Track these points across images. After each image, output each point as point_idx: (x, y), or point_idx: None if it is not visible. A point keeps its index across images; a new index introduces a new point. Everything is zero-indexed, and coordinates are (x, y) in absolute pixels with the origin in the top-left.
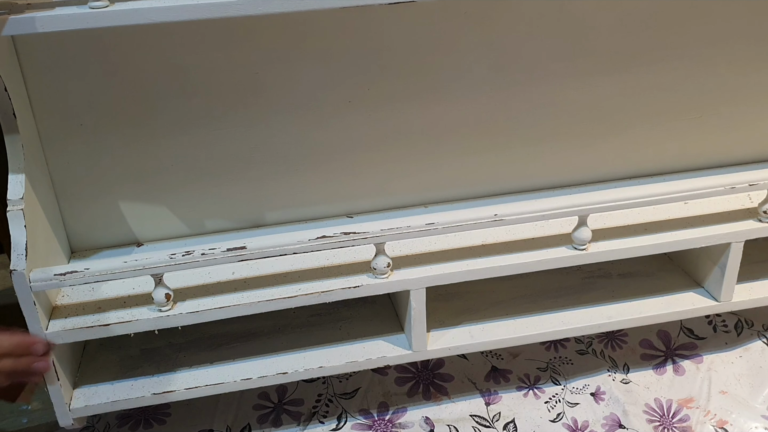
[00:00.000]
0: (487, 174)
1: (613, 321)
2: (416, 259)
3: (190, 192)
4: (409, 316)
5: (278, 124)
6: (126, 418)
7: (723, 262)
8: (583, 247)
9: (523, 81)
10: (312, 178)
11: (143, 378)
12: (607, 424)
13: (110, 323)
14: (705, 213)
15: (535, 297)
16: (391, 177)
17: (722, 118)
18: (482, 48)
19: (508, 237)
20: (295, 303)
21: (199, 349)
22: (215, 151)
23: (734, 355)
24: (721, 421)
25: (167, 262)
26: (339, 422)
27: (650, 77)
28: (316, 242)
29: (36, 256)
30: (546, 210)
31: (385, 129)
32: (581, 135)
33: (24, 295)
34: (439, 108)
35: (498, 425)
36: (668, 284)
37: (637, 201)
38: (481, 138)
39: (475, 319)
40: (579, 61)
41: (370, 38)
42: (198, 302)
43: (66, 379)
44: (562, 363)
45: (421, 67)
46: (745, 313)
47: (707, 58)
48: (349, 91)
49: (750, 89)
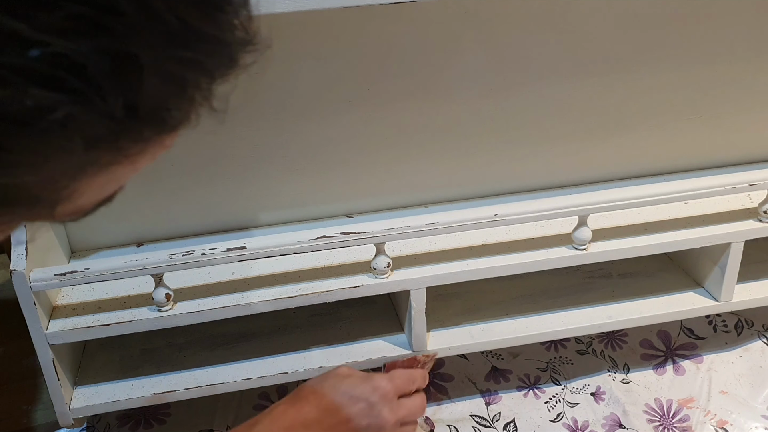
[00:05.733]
0: (487, 174)
1: (614, 321)
2: (416, 259)
3: (190, 192)
4: (409, 316)
5: (278, 124)
6: (126, 418)
7: (723, 262)
8: (583, 247)
9: (523, 81)
10: (312, 178)
11: (143, 378)
12: (607, 424)
13: (110, 323)
14: (705, 213)
15: (535, 297)
16: (391, 177)
17: (722, 118)
18: (482, 48)
19: (508, 237)
20: (295, 303)
21: (199, 349)
22: (215, 151)
23: (734, 355)
24: (721, 421)
25: (167, 262)
26: None
27: (650, 77)
28: (316, 242)
29: (36, 256)
30: (546, 210)
31: (385, 129)
32: (581, 135)
33: (24, 295)
34: (439, 108)
35: (498, 425)
36: (668, 284)
37: (637, 201)
38: (481, 138)
39: (475, 319)
40: (579, 61)
41: (370, 38)
42: (198, 302)
43: (66, 379)
44: (562, 363)
45: (421, 67)
46: (745, 313)
47: (707, 58)
48: (349, 91)
49: (750, 89)
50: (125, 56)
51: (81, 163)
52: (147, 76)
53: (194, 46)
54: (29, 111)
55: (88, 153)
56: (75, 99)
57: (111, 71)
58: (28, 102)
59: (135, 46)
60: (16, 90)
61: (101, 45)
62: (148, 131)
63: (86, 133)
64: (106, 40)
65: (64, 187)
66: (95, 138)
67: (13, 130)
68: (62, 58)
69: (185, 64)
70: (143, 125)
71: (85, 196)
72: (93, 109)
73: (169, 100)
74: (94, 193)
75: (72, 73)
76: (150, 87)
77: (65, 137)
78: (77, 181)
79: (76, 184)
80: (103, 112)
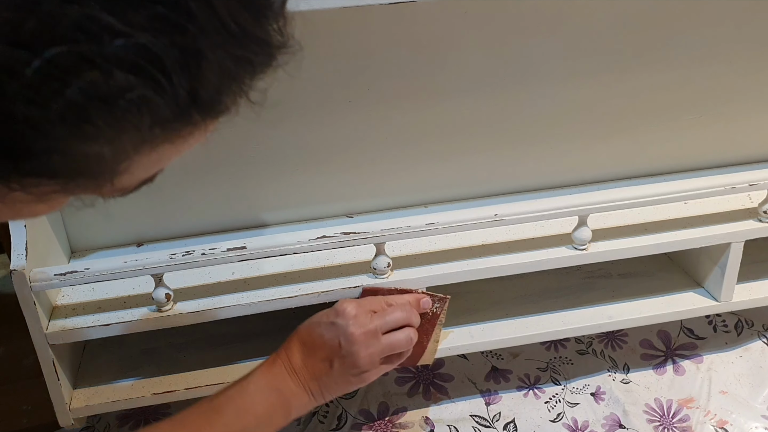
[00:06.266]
0: (487, 174)
1: (614, 321)
2: (416, 259)
3: (190, 192)
4: None
5: (278, 124)
6: (126, 418)
7: (723, 262)
8: (583, 247)
9: (523, 81)
10: (312, 178)
11: (143, 378)
12: (607, 424)
13: (110, 323)
14: (705, 213)
15: (535, 297)
16: (391, 177)
17: (722, 118)
18: (482, 48)
19: (508, 237)
20: (295, 303)
21: (199, 349)
22: (215, 151)
23: (734, 355)
24: (721, 421)
25: (167, 262)
26: (339, 422)
27: (650, 77)
28: (316, 242)
29: (36, 256)
30: (546, 210)
31: (385, 129)
32: (581, 135)
33: (24, 295)
34: (438, 108)
35: (498, 425)
36: (668, 284)
37: (637, 201)
38: (481, 138)
39: (475, 319)
40: (579, 61)
41: (370, 38)
42: (198, 302)
43: (66, 379)
44: (562, 363)
45: (421, 67)
46: (745, 313)
47: (707, 58)
48: (349, 91)
49: (750, 89)
50: (193, 51)
51: (144, 139)
52: (208, 69)
53: (246, 46)
54: (112, 90)
55: (152, 131)
56: (150, 83)
57: (180, 63)
58: (112, 83)
59: (202, 44)
60: (104, 72)
61: (175, 41)
62: (198, 116)
63: (154, 113)
64: (179, 37)
65: (125, 160)
66: (161, 118)
67: (98, 106)
68: (143, 49)
69: (238, 61)
70: (197, 111)
71: (136, 173)
72: (163, 93)
73: (221, 90)
74: (143, 170)
75: (149, 62)
76: (209, 78)
77: (138, 115)
78: (136, 156)
79: (134, 159)
80: (171, 97)
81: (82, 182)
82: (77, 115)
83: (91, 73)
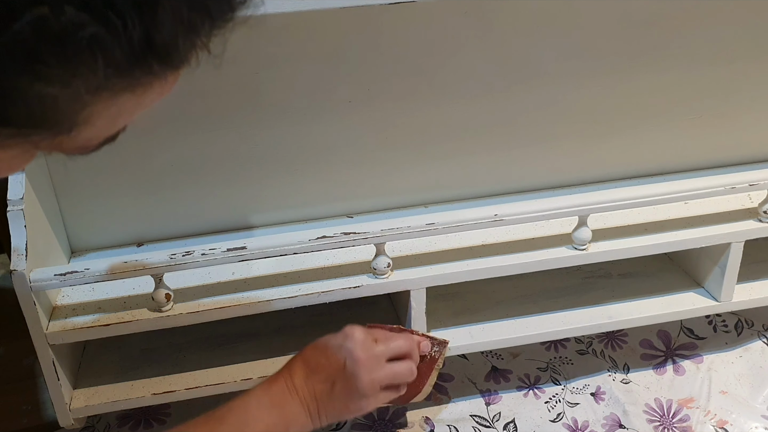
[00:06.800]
0: (487, 174)
1: (614, 321)
2: (416, 259)
3: (190, 192)
4: (409, 316)
5: (278, 124)
6: (126, 418)
7: (723, 262)
8: (583, 247)
9: (523, 81)
10: (312, 178)
11: (143, 378)
12: (607, 424)
13: (110, 323)
14: (705, 213)
15: (535, 297)
16: (391, 177)
17: (722, 118)
18: (482, 48)
19: (508, 237)
20: (295, 303)
21: (199, 349)
22: (215, 151)
23: (734, 355)
24: (721, 421)
25: (167, 262)
26: (339, 422)
27: (650, 77)
28: (316, 242)
29: (36, 256)
30: (546, 210)
31: (385, 129)
32: (581, 135)
33: (24, 295)
34: (439, 108)
35: (498, 425)
36: (668, 284)
37: (637, 201)
38: (481, 138)
39: (475, 319)
40: (579, 61)
41: (370, 38)
42: (198, 302)
43: (66, 379)
44: (562, 363)
45: (421, 67)
46: (745, 313)
47: (707, 58)
48: (349, 91)
49: (750, 89)
50: None
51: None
52: (162, 13)
53: None
54: (63, 26)
55: (107, 76)
56: (102, 22)
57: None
58: (63, 19)
59: None
60: (53, 7)
61: None
62: (157, 65)
63: (108, 55)
64: None
65: (83, 107)
66: (115, 61)
67: (48, 43)
68: None
69: (194, 8)
70: (154, 58)
71: (97, 125)
72: (116, 33)
73: (178, 37)
74: (104, 123)
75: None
76: (164, 23)
77: (91, 56)
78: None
79: (93, 108)
80: (125, 38)
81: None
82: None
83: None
